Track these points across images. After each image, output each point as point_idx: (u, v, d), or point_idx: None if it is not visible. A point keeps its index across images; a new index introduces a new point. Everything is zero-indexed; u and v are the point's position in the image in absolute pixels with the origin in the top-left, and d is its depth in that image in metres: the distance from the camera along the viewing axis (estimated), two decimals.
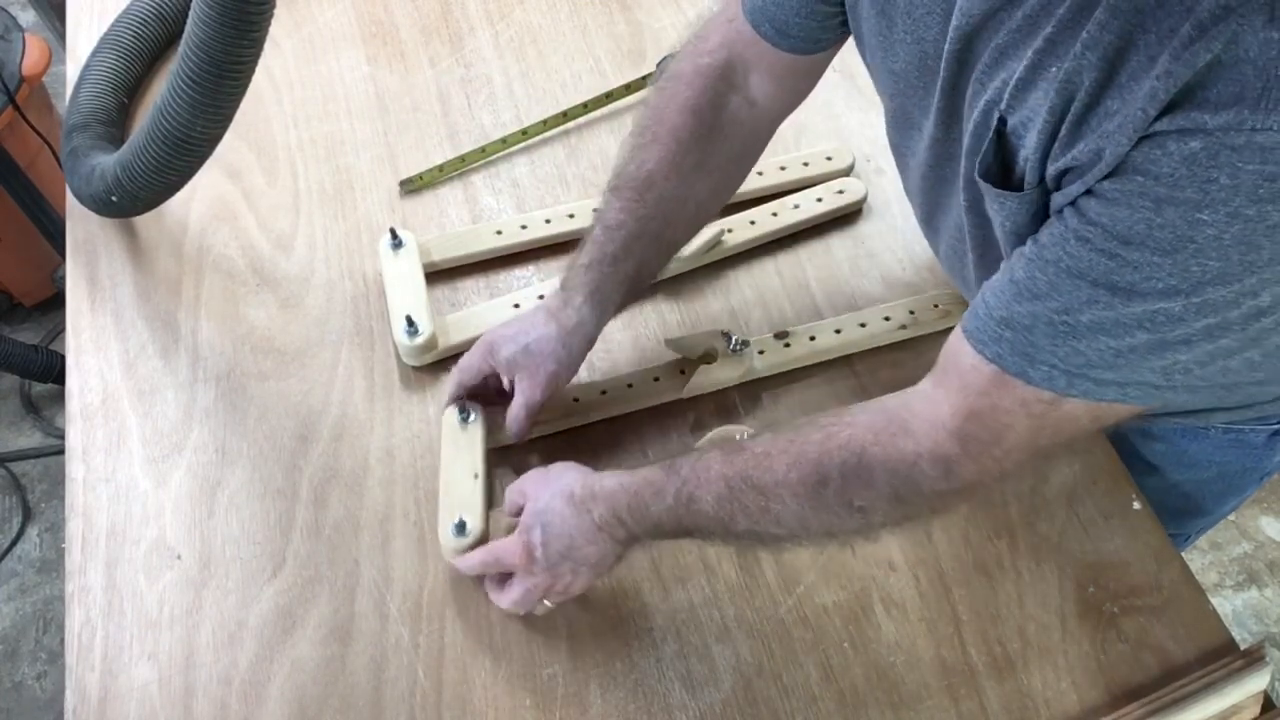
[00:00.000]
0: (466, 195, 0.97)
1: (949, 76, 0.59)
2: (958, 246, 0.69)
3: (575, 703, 0.70)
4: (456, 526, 0.72)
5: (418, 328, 0.82)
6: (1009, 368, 0.54)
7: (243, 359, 0.86)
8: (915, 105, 0.66)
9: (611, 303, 0.76)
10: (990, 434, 0.57)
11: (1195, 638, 0.71)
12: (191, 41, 0.73)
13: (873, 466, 0.60)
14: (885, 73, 0.67)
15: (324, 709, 0.70)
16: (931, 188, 0.69)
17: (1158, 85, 0.45)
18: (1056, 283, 0.51)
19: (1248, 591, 1.67)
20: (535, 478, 0.72)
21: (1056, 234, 0.52)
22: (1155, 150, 0.46)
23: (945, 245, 0.73)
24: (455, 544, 0.72)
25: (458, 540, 0.72)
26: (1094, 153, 0.48)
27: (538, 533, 0.68)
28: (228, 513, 0.78)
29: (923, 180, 0.70)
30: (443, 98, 1.04)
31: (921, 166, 0.69)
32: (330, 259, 0.92)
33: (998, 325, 0.54)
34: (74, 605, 0.74)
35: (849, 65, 1.04)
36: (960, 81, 0.59)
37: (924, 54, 0.61)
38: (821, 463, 0.61)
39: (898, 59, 0.64)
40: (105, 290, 0.91)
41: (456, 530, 0.72)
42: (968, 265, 0.69)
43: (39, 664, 1.62)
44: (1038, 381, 0.53)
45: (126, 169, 0.84)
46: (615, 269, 0.75)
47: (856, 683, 0.70)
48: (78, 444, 0.82)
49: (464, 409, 0.78)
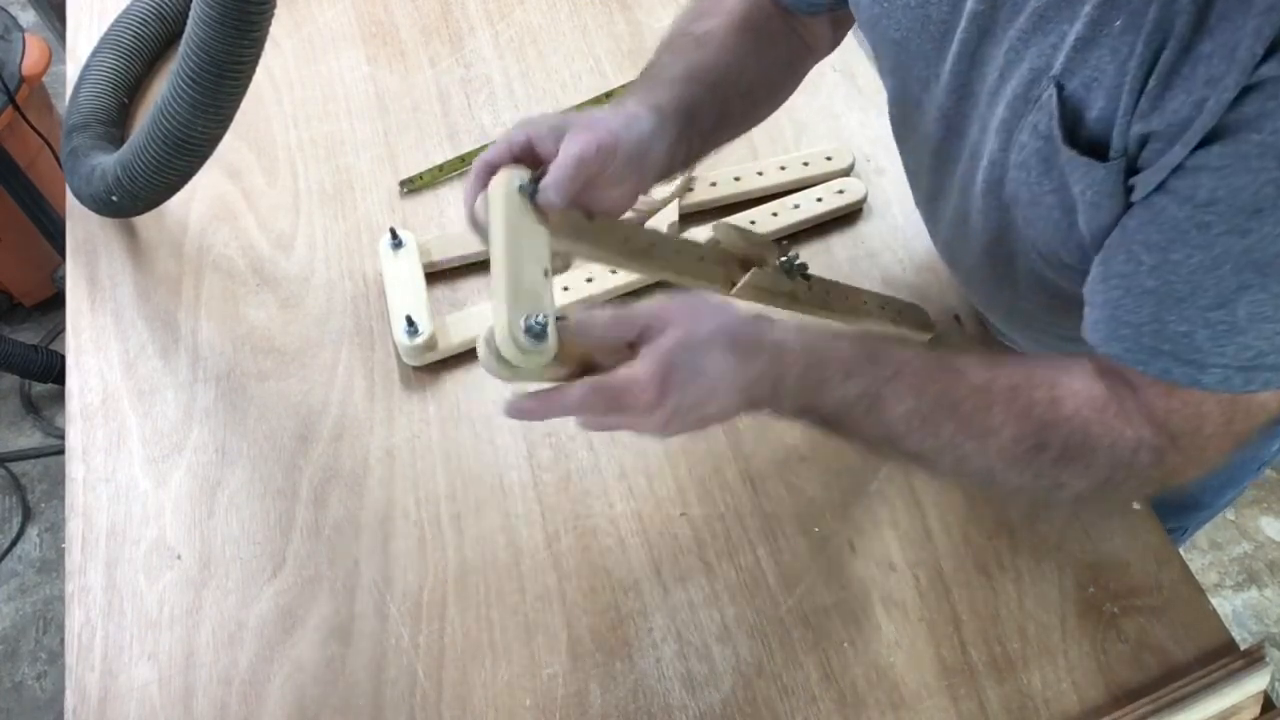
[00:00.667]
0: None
1: (967, 44, 0.56)
2: (960, 230, 0.67)
3: (575, 703, 0.70)
4: (533, 327, 0.52)
5: (418, 328, 0.82)
6: (1180, 380, 0.52)
7: (243, 359, 0.86)
8: (919, 77, 0.63)
9: (670, 122, 0.63)
10: (1190, 425, 0.54)
11: (1195, 638, 0.71)
12: (191, 41, 0.73)
13: (1096, 448, 0.56)
14: (885, 43, 0.64)
15: (324, 709, 0.70)
16: (939, 165, 0.67)
17: (1263, 22, 0.41)
18: (1196, 281, 0.48)
19: (1248, 591, 1.67)
20: (685, 305, 0.58)
21: (1169, 230, 0.48)
22: (1268, 100, 0.42)
23: (946, 229, 0.71)
24: (537, 352, 0.53)
25: (538, 348, 0.53)
26: (1194, 105, 0.44)
27: (683, 373, 0.55)
28: (228, 513, 0.78)
29: (931, 157, 0.67)
30: (443, 98, 1.04)
31: (929, 142, 0.66)
32: (330, 259, 0.92)
33: (1152, 340, 0.51)
34: (74, 605, 0.74)
35: (849, 65, 1.04)
36: (983, 49, 0.56)
37: (928, 20, 0.59)
38: (1045, 429, 0.56)
39: (898, 27, 0.62)
40: (105, 290, 0.91)
41: (532, 338, 0.53)
42: (970, 251, 0.67)
43: (39, 664, 1.62)
44: (1213, 386, 0.51)
45: (126, 169, 0.84)
46: (670, 89, 0.65)
47: (856, 683, 0.70)
48: (78, 444, 0.82)
49: (526, 181, 0.58)
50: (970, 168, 0.62)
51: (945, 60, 0.59)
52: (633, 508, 0.77)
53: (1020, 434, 0.56)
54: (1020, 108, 0.54)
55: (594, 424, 0.59)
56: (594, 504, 0.78)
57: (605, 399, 0.56)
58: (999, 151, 0.58)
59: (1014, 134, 0.56)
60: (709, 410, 0.57)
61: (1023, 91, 0.53)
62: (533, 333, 0.52)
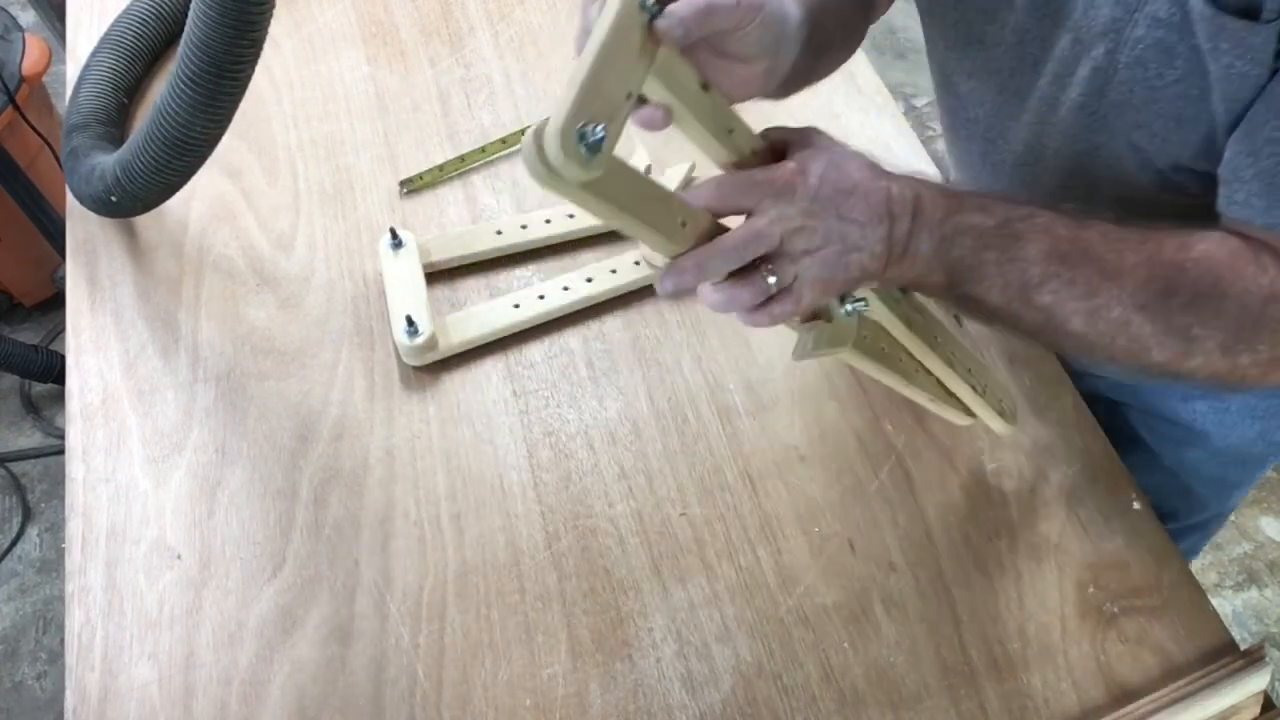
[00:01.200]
0: (466, 195, 0.97)
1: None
2: (1027, 172, 0.64)
3: (575, 703, 0.70)
4: (588, 134, 0.47)
5: (418, 328, 0.82)
6: None
7: (243, 359, 0.86)
8: (986, 5, 0.61)
9: (803, 22, 0.59)
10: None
11: (1195, 638, 0.71)
12: (191, 41, 0.73)
13: (1226, 294, 0.55)
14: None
15: (324, 709, 0.70)
16: (1006, 102, 0.64)
17: None
18: None
19: (1248, 591, 1.67)
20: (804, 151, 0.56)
21: None
22: None
23: (1007, 176, 0.68)
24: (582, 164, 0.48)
25: (585, 159, 0.48)
26: None
27: (818, 164, 0.55)
28: (228, 513, 0.78)
29: (996, 95, 0.64)
30: (443, 98, 1.04)
31: (996, 77, 0.64)
32: (330, 259, 0.92)
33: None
34: (74, 605, 0.74)
35: (849, 65, 1.04)
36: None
37: None
38: (1175, 271, 0.55)
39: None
40: (105, 290, 0.91)
41: (585, 147, 0.48)
42: (1038, 191, 0.64)
43: (39, 664, 1.62)
44: None
45: (126, 169, 0.84)
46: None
47: (856, 683, 0.70)
48: (78, 444, 0.82)
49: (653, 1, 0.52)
50: (1053, 90, 0.60)
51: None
52: (633, 508, 0.77)
53: (1151, 275, 0.55)
54: (1133, 1, 0.53)
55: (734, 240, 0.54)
56: (594, 504, 0.78)
57: (735, 189, 0.54)
58: (1104, 56, 0.57)
59: (1125, 31, 0.54)
60: (853, 222, 0.54)
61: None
62: (586, 141, 0.47)
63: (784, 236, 0.55)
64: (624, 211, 0.52)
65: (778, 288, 0.55)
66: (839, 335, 0.63)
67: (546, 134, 0.47)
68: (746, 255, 0.55)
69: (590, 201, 0.51)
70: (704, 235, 0.56)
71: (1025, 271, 0.56)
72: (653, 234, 0.54)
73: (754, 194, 0.55)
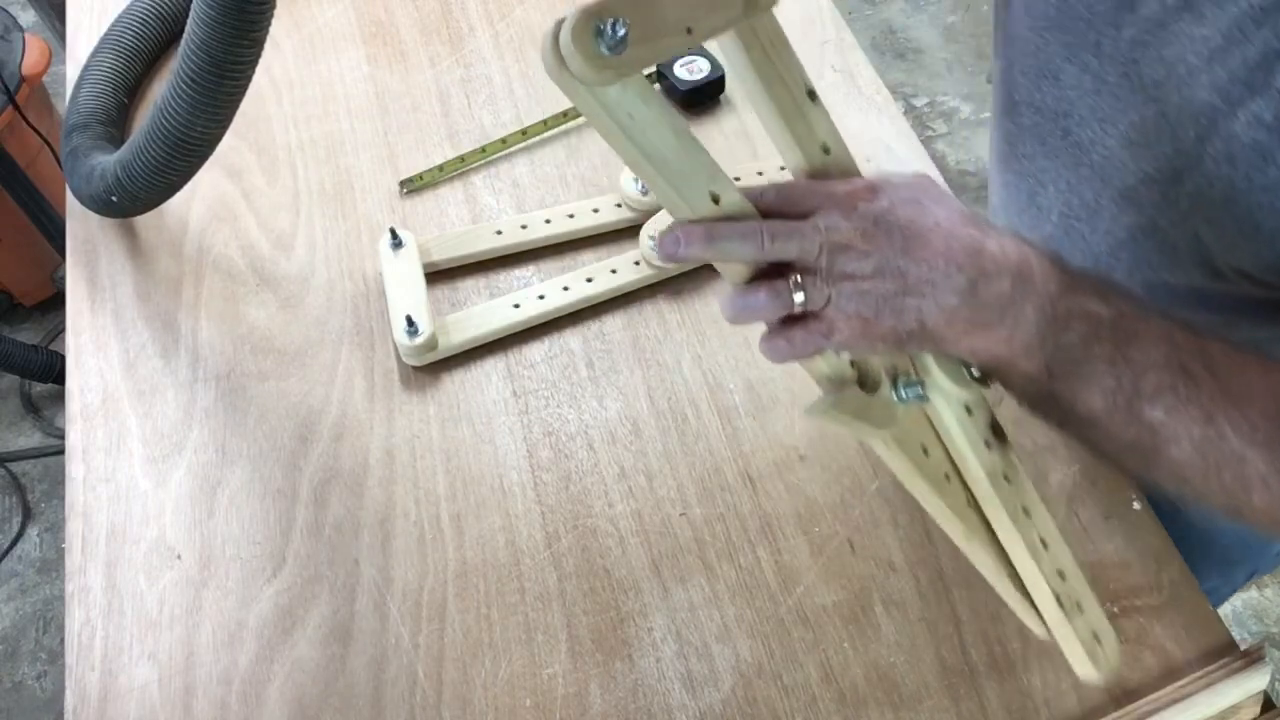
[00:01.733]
0: (466, 195, 0.97)
1: (1154, 15, 0.50)
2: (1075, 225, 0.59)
3: (575, 703, 0.70)
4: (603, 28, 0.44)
5: (418, 328, 0.82)
6: None
7: (243, 359, 0.86)
8: (1075, 31, 0.55)
9: None
10: None
11: (1195, 638, 0.71)
12: (191, 41, 0.73)
13: None
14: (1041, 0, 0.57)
15: (324, 709, 0.70)
16: (1065, 149, 0.59)
17: None
18: None
19: (1248, 591, 1.67)
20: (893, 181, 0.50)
21: None
22: None
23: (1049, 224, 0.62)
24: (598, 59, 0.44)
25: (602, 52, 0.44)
26: None
27: (898, 191, 0.48)
28: (228, 513, 0.78)
29: (1059, 137, 0.58)
30: (443, 98, 1.04)
31: (1057, 119, 0.58)
32: (330, 259, 0.92)
33: None
34: (74, 605, 0.74)
35: (849, 65, 1.04)
36: (1183, 24, 0.49)
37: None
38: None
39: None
40: (105, 290, 0.91)
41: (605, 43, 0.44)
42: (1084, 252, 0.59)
43: (39, 664, 1.62)
44: None
45: (126, 169, 0.84)
46: None
47: (856, 683, 0.70)
48: (78, 444, 0.82)
49: None
50: (1124, 156, 0.54)
51: (1121, 27, 0.51)
52: (633, 508, 0.78)
53: (1270, 407, 0.47)
54: (1235, 94, 0.47)
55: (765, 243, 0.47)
56: (594, 504, 0.78)
57: (803, 186, 0.48)
58: (1193, 141, 0.50)
59: (1220, 123, 0.48)
60: (924, 250, 0.45)
61: (1244, 75, 0.46)
62: (604, 36, 0.43)
63: (826, 249, 0.47)
64: (635, 146, 0.47)
65: (804, 308, 0.48)
66: (872, 412, 0.53)
67: (563, 30, 0.44)
68: (770, 250, 0.47)
69: (600, 117, 0.46)
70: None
71: (1140, 378, 0.47)
72: (669, 190, 0.48)
73: (811, 199, 0.49)
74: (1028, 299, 0.47)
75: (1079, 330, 0.47)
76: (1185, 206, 0.52)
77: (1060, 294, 0.48)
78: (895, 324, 0.47)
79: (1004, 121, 0.66)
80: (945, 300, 0.47)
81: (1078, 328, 0.47)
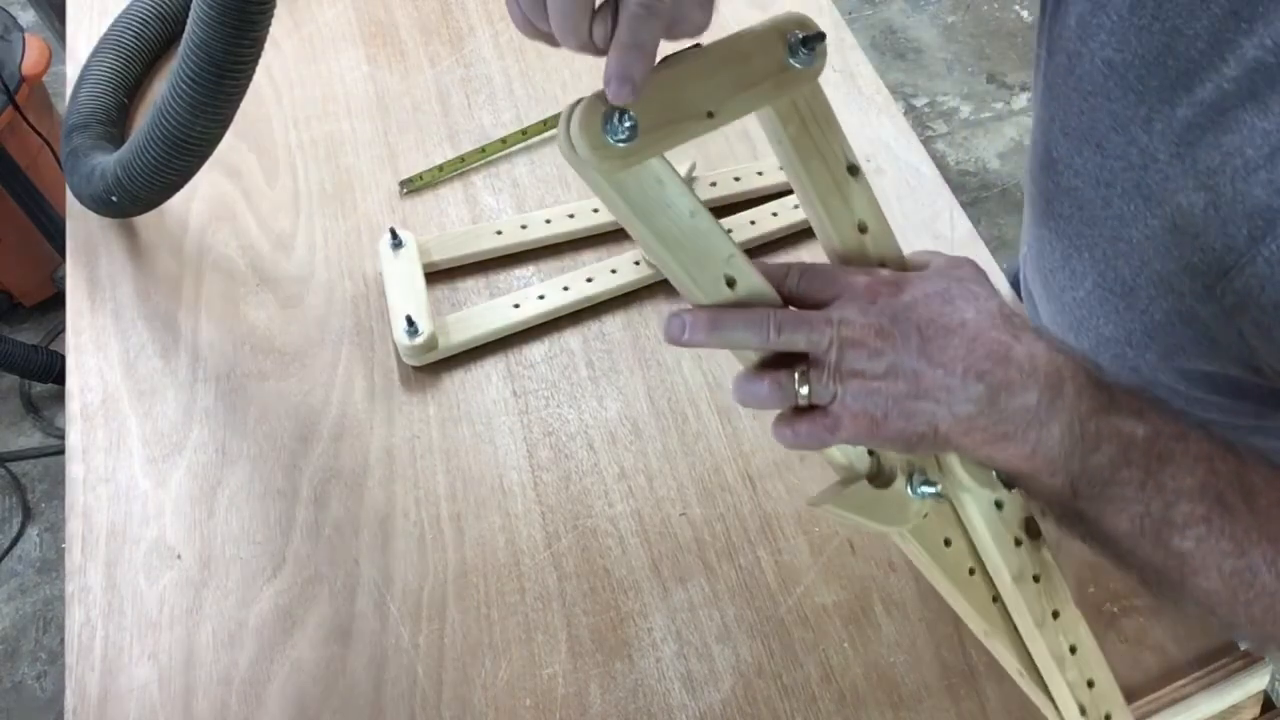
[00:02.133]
0: (466, 195, 0.97)
1: (1221, 101, 0.47)
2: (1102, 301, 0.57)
3: (575, 703, 0.70)
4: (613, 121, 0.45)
5: (418, 328, 0.82)
6: None
7: (243, 359, 0.86)
8: (1117, 114, 0.53)
9: None
10: None
11: (1195, 638, 0.71)
12: (191, 41, 0.73)
13: None
14: (1087, 60, 0.54)
15: (324, 709, 0.70)
16: (1094, 224, 0.57)
17: None
18: None
19: None
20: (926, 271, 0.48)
21: None
22: None
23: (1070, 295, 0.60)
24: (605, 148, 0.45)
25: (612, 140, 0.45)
26: None
27: (924, 285, 0.46)
28: (228, 513, 0.78)
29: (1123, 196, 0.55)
30: (443, 98, 1.04)
31: (1092, 197, 0.56)
32: (330, 259, 0.92)
33: None
34: (74, 605, 0.74)
35: (849, 65, 1.04)
36: (1242, 116, 0.46)
37: (1170, 50, 0.48)
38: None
39: (1121, 46, 0.51)
40: (105, 290, 0.91)
41: (616, 131, 0.46)
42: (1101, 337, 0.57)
43: (39, 664, 1.62)
44: None
45: (126, 169, 0.84)
46: None
47: (856, 683, 0.70)
48: (78, 444, 0.82)
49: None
50: (1168, 240, 0.51)
51: (1175, 105, 0.49)
52: (633, 508, 0.78)
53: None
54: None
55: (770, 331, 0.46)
56: (594, 504, 0.78)
57: (826, 273, 0.46)
58: (1245, 239, 0.47)
59: (1277, 224, 0.45)
60: (944, 354, 0.44)
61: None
62: (611, 127, 0.44)
63: (836, 343, 0.45)
64: (648, 228, 0.47)
65: (809, 401, 0.46)
66: (882, 508, 0.51)
67: (575, 114, 0.45)
68: (777, 342, 0.46)
69: (613, 200, 0.47)
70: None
71: (1170, 506, 0.45)
72: (680, 273, 0.48)
73: (832, 288, 0.47)
74: (1056, 416, 0.45)
75: (1109, 452, 0.45)
76: (1230, 303, 0.49)
77: (1092, 413, 0.45)
78: (905, 426, 0.46)
79: (1041, 177, 0.63)
80: (961, 409, 0.45)
81: (1108, 449, 0.45)
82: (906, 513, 0.51)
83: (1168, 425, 0.46)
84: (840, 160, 0.50)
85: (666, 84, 0.47)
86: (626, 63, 0.43)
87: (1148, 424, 0.45)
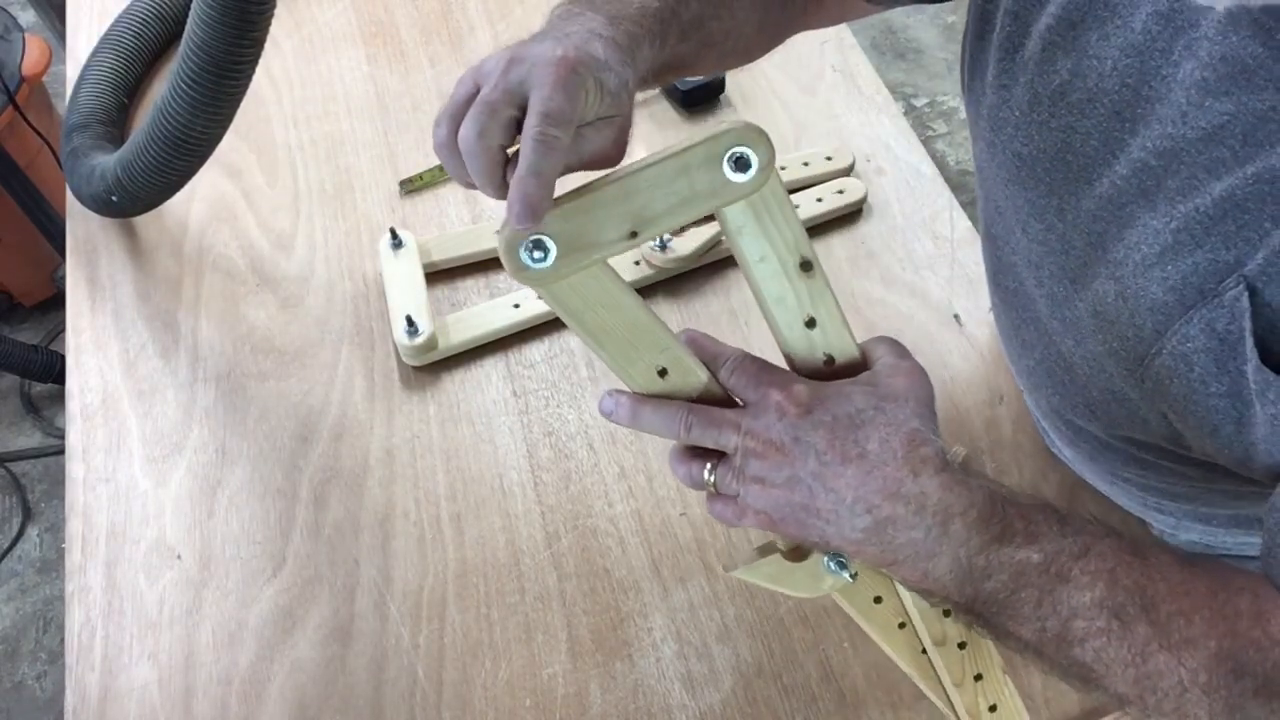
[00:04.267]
0: (466, 195, 0.97)
1: (1116, 198, 0.48)
2: (1050, 374, 0.59)
3: (575, 703, 0.70)
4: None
5: (418, 328, 0.82)
6: None
7: (243, 359, 0.86)
8: (1034, 202, 0.54)
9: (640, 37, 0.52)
10: None
11: None
12: (191, 41, 0.73)
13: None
14: (1005, 152, 0.55)
15: (324, 709, 0.70)
16: (1028, 304, 0.59)
17: None
18: None
19: None
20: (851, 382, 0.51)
21: None
22: None
23: (1031, 361, 0.62)
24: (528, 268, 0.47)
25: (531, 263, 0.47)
26: None
27: (841, 404, 0.48)
28: (228, 513, 0.78)
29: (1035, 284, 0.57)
30: (443, 98, 1.03)
31: (1021, 280, 0.58)
32: (330, 259, 0.92)
33: None
34: (74, 605, 0.74)
35: (849, 65, 1.04)
36: (1136, 213, 0.47)
37: (1069, 148, 0.50)
38: (1249, 650, 0.45)
39: (1028, 141, 0.53)
40: (105, 290, 0.91)
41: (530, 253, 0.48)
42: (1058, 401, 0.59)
43: (39, 664, 1.62)
44: None
45: (126, 169, 0.84)
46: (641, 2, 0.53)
47: (856, 683, 0.70)
48: (78, 444, 0.82)
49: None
50: (1091, 325, 0.52)
51: (1080, 198, 0.50)
52: (633, 508, 0.78)
53: (1221, 651, 0.45)
54: (1188, 296, 0.45)
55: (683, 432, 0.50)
56: (594, 504, 0.78)
57: (758, 372, 0.49)
58: (1151, 331, 0.48)
59: (1174, 322, 0.46)
60: (838, 482, 0.47)
61: (1195, 280, 0.44)
62: (528, 253, 0.47)
63: (741, 450, 0.49)
64: (581, 327, 0.50)
65: (717, 489, 0.51)
66: (794, 579, 0.55)
67: (504, 231, 0.47)
68: (687, 438, 0.50)
69: (549, 301, 0.49)
70: (685, 397, 0.51)
71: (1068, 621, 0.47)
72: (611, 363, 0.51)
73: (752, 393, 0.50)
74: (943, 550, 0.47)
75: (1001, 579, 0.47)
76: (1149, 388, 0.50)
77: (982, 547, 0.47)
78: (799, 533, 0.50)
79: (988, 248, 0.65)
80: (848, 534, 0.48)
81: (1000, 577, 0.47)
82: (820, 585, 0.55)
83: (1069, 543, 0.47)
84: (793, 253, 0.51)
85: (585, 208, 0.48)
86: (523, 192, 0.45)
87: (1042, 549, 0.47)
